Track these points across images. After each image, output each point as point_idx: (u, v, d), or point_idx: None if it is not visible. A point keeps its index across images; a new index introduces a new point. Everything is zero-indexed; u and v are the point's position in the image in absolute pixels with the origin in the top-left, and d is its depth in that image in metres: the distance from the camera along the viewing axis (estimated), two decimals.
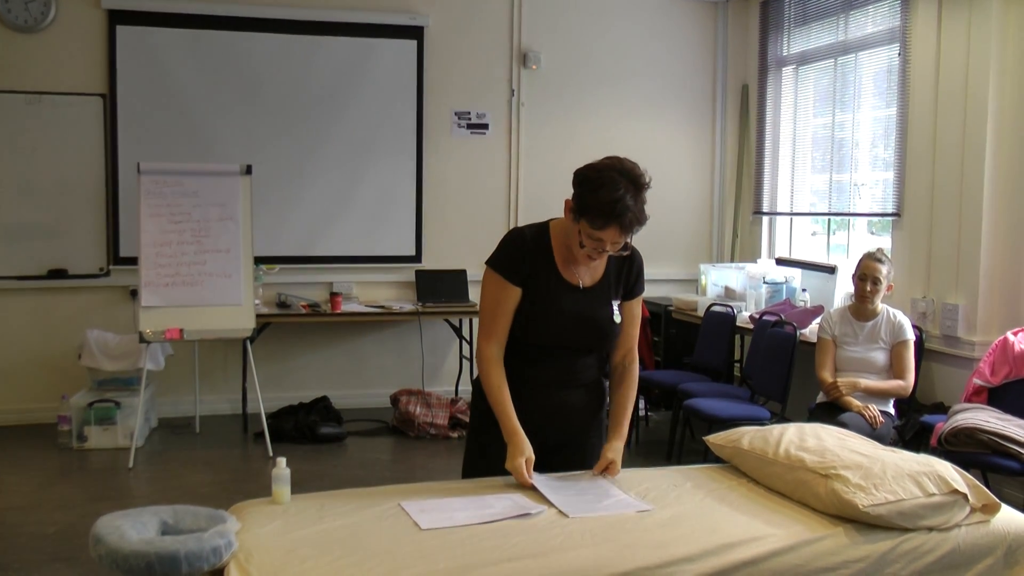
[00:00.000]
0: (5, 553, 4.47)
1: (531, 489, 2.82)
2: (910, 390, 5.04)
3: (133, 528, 2.40)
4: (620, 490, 2.88)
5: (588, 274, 3.01)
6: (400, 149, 7.51)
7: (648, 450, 6.60)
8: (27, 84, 6.82)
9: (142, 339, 6.06)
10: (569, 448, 3.10)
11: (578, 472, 3.04)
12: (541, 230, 3.02)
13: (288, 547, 2.39)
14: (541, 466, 2.98)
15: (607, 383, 3.19)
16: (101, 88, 6.96)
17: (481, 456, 3.04)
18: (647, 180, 2.82)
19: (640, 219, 2.80)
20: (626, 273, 3.07)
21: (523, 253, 2.96)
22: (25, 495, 5.37)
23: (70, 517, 4.95)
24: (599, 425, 3.18)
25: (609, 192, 2.75)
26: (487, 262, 3.00)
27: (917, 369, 5.24)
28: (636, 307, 3.13)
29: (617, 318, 3.04)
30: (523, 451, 2.87)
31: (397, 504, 2.73)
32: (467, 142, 7.68)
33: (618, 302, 3.06)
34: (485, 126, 7.75)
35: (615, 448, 3.04)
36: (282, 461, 2.77)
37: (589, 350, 3.07)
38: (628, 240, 2.87)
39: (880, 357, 5.03)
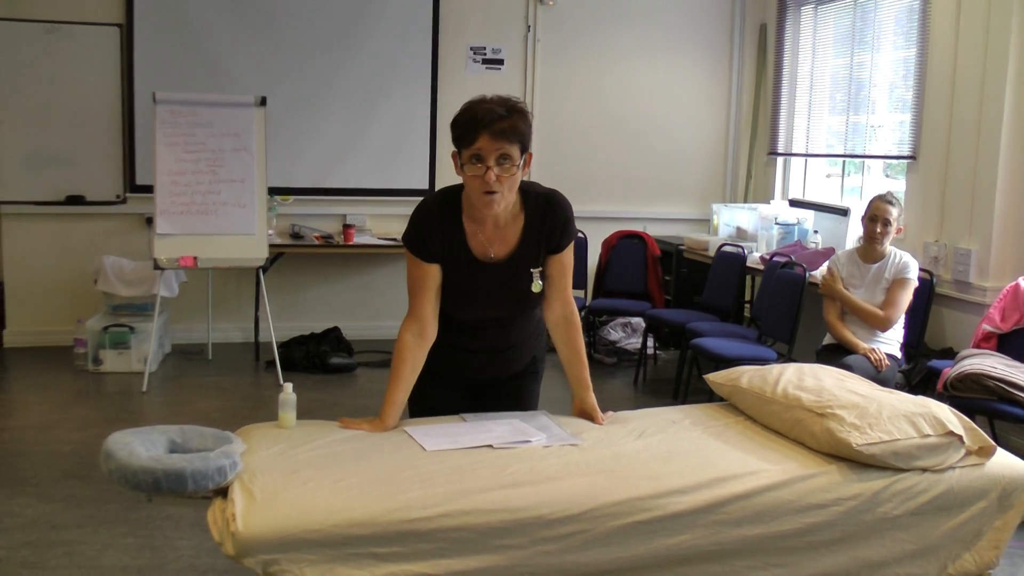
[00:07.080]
0: (24, 469, 4.61)
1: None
2: (889, 325, 5.00)
3: (142, 445, 2.46)
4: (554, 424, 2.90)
5: (500, 243, 2.82)
6: (415, 82, 7.49)
7: (655, 388, 6.65)
8: (45, 13, 6.83)
9: (156, 266, 6.12)
10: (503, 387, 3.08)
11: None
12: (451, 201, 2.85)
13: (291, 468, 2.44)
14: (476, 401, 3.04)
15: (543, 321, 3.03)
16: (118, 18, 6.95)
17: (421, 398, 3.00)
18: (523, 106, 2.71)
19: (516, 128, 2.64)
20: (548, 230, 2.83)
21: (430, 230, 2.81)
22: (43, 415, 5.49)
23: (85, 437, 5.07)
24: (533, 362, 3.12)
25: (474, 104, 2.70)
26: (402, 237, 2.90)
27: (926, 314, 5.25)
28: (566, 258, 2.90)
29: (537, 287, 2.85)
30: (384, 425, 2.80)
31: (402, 430, 2.78)
32: (482, 77, 7.63)
33: (539, 269, 2.85)
34: (500, 61, 7.70)
35: (589, 402, 3.02)
36: (288, 386, 2.81)
37: (519, 312, 2.95)
38: (513, 152, 2.67)
39: (883, 298, 5.04)
